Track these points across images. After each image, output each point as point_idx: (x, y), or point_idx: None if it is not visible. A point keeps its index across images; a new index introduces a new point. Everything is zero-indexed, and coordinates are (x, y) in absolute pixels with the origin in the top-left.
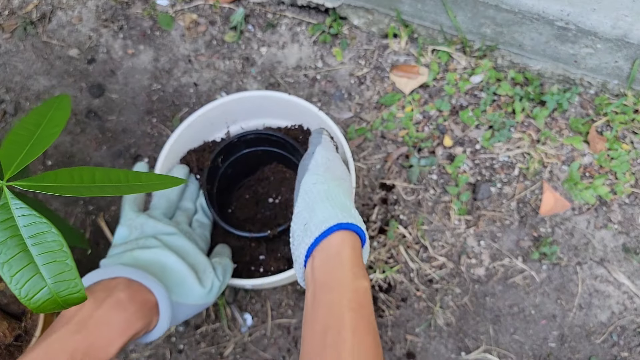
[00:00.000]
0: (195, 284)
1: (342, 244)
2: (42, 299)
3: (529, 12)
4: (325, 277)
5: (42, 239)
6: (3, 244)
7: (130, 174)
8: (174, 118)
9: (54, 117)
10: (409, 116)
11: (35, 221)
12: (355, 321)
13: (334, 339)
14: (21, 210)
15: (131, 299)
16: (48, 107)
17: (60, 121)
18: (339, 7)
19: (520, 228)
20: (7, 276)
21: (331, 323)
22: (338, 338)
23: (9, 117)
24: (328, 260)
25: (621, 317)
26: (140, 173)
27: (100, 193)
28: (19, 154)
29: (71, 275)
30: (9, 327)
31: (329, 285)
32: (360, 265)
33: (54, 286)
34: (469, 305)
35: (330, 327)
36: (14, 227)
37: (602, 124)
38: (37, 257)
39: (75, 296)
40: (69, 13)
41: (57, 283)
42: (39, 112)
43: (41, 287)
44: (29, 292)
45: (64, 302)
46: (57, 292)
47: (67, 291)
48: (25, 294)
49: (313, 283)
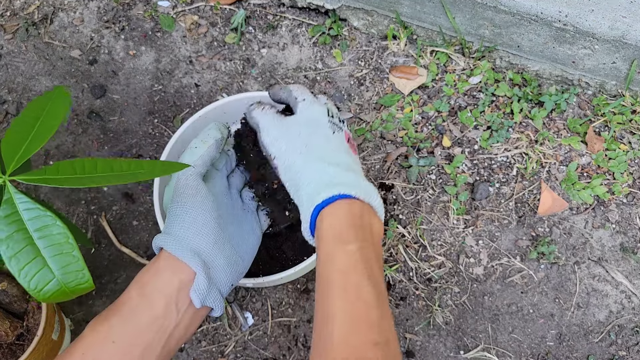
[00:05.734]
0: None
1: (326, 217)
2: (52, 291)
3: (527, 14)
4: (317, 253)
5: (47, 232)
6: (9, 238)
7: (132, 162)
8: (175, 119)
9: (53, 109)
10: (408, 117)
11: (39, 214)
12: (343, 284)
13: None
14: (25, 204)
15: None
16: (46, 99)
17: (59, 113)
18: (339, 9)
19: (518, 228)
20: (16, 270)
21: (321, 289)
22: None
23: (11, 118)
24: (316, 239)
25: (619, 316)
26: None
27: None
28: (19, 148)
29: (78, 267)
30: (10, 326)
31: (317, 261)
32: (346, 229)
33: (62, 277)
34: (467, 304)
35: (321, 293)
36: (19, 221)
37: (600, 124)
38: (43, 250)
39: (83, 286)
40: (71, 14)
41: (65, 274)
42: (37, 105)
43: (50, 279)
44: (38, 285)
45: (72, 292)
46: (66, 283)
47: (75, 282)
48: (34, 286)
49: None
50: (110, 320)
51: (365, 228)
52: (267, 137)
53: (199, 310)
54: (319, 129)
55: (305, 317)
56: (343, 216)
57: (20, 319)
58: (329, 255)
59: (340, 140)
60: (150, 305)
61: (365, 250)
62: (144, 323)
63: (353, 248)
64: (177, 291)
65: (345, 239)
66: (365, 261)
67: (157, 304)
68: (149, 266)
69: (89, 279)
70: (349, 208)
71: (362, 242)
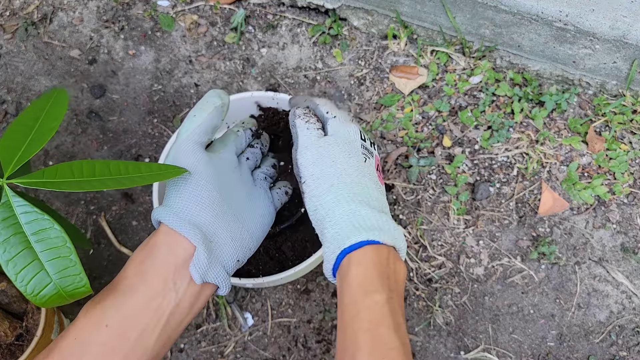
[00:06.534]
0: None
1: (353, 264)
2: (48, 295)
3: (527, 13)
4: (340, 299)
5: (45, 236)
6: (6, 242)
7: (130, 165)
8: (174, 118)
9: (52, 111)
10: (408, 117)
11: (37, 218)
12: (371, 342)
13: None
14: (23, 207)
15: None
16: (45, 101)
17: (58, 115)
18: (339, 8)
19: (519, 228)
20: (12, 273)
21: (347, 345)
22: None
23: (10, 118)
24: (340, 283)
25: (620, 317)
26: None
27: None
28: (18, 150)
29: (76, 270)
30: (10, 326)
31: (340, 308)
32: (374, 278)
33: (60, 281)
34: (468, 305)
35: (347, 349)
36: (16, 225)
37: (600, 124)
38: (41, 254)
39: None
40: (70, 14)
41: (62, 278)
42: (36, 107)
43: (47, 283)
44: (34, 289)
45: (69, 296)
46: (63, 287)
47: (72, 286)
48: (31, 290)
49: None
50: (103, 303)
51: (391, 276)
52: (302, 157)
53: (202, 288)
54: (352, 156)
55: (305, 317)
56: (371, 264)
57: (19, 320)
58: (356, 305)
59: (371, 169)
60: (146, 284)
61: (392, 300)
62: (139, 304)
63: (381, 300)
64: (175, 267)
65: (372, 289)
66: (393, 313)
67: (153, 283)
68: (147, 241)
69: (86, 283)
70: (378, 254)
71: (389, 292)
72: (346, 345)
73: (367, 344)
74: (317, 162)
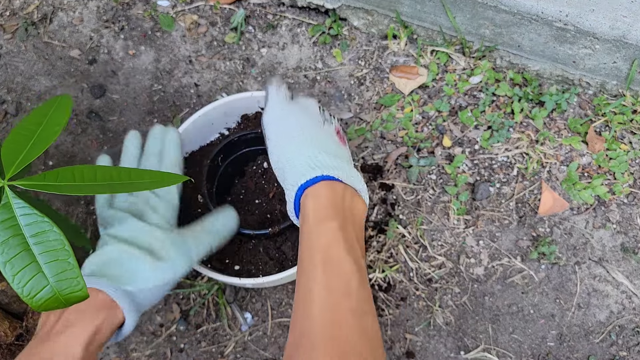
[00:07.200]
0: (149, 265)
1: (309, 197)
2: (45, 298)
3: (527, 13)
4: (300, 232)
5: (43, 238)
6: (5, 243)
7: (132, 171)
8: (174, 118)
9: (55, 116)
10: (408, 116)
11: (36, 220)
12: (323, 261)
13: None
14: (23, 209)
15: (87, 304)
16: (49, 106)
17: (61, 120)
18: (339, 8)
19: (519, 228)
20: (9, 275)
21: (305, 266)
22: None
23: (10, 118)
24: (300, 218)
25: (620, 317)
26: (143, 171)
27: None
28: (20, 153)
29: (73, 274)
30: (10, 326)
31: (300, 239)
32: (328, 208)
33: (56, 285)
34: (468, 305)
35: (304, 270)
36: (15, 227)
37: (600, 124)
38: (39, 256)
39: (77, 294)
40: (70, 14)
41: (59, 282)
42: (40, 112)
43: (43, 286)
44: (31, 291)
45: (66, 300)
46: (60, 290)
47: (69, 289)
48: (27, 292)
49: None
50: None
51: (347, 209)
52: (268, 116)
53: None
54: (313, 118)
55: None
56: (325, 195)
57: (19, 320)
58: (310, 233)
59: (330, 131)
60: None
61: (347, 228)
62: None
63: (334, 225)
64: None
65: (326, 216)
66: (346, 238)
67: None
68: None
69: (84, 287)
70: (332, 189)
71: (342, 220)
72: (303, 267)
73: (320, 262)
74: (281, 119)
